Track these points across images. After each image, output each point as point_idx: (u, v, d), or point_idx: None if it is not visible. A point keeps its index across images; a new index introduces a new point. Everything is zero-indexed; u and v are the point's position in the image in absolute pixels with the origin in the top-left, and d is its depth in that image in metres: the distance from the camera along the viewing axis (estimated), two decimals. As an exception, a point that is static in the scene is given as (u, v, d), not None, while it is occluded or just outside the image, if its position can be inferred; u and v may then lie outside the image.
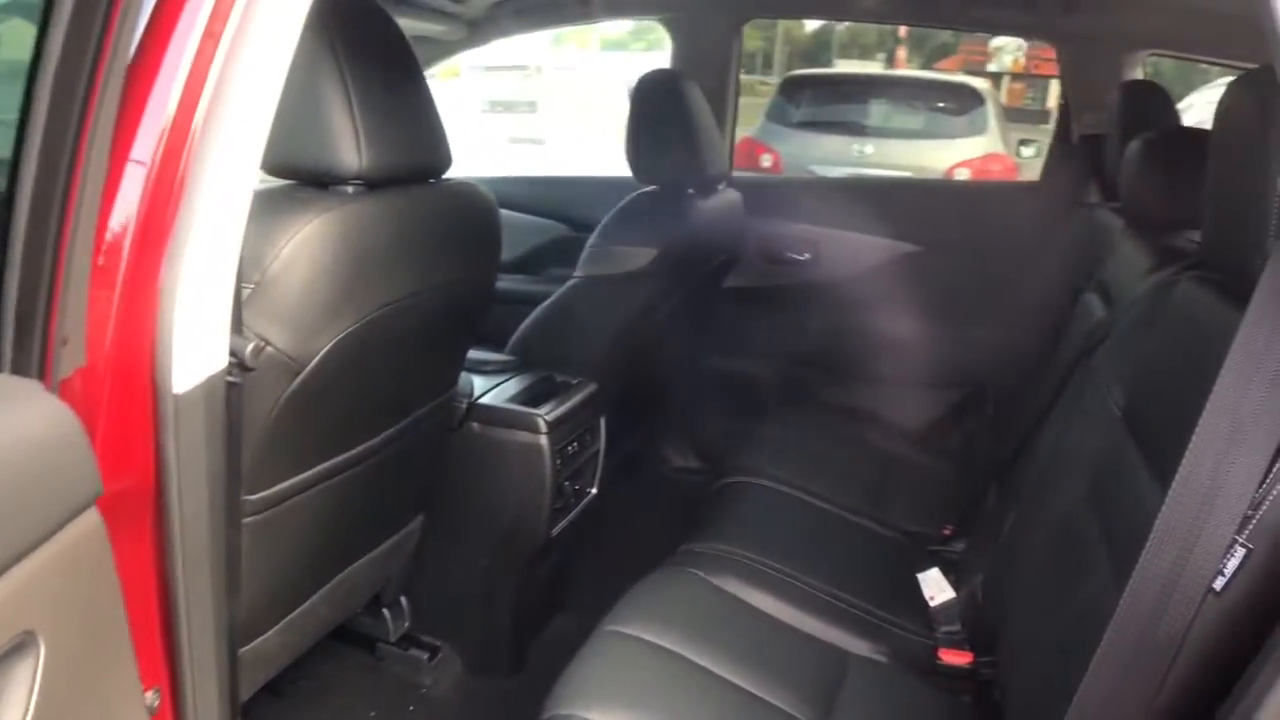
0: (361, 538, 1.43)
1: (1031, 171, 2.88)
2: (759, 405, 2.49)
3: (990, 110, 5.68)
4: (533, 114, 9.50)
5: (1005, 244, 2.26)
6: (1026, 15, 1.95)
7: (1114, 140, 1.78)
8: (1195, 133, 1.33)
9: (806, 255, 2.41)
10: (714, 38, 2.32)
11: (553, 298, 1.86)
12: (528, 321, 1.89)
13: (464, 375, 1.69)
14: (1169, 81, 2.81)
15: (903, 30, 8.19)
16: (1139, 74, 2.00)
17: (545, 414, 1.62)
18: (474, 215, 1.36)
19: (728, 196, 2.08)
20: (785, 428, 2.08)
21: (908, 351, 2.32)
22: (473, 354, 1.85)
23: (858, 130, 5.91)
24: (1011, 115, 6.84)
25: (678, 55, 2.32)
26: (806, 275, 2.43)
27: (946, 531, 1.74)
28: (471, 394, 1.66)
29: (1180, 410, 0.75)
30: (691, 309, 2.02)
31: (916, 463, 2.05)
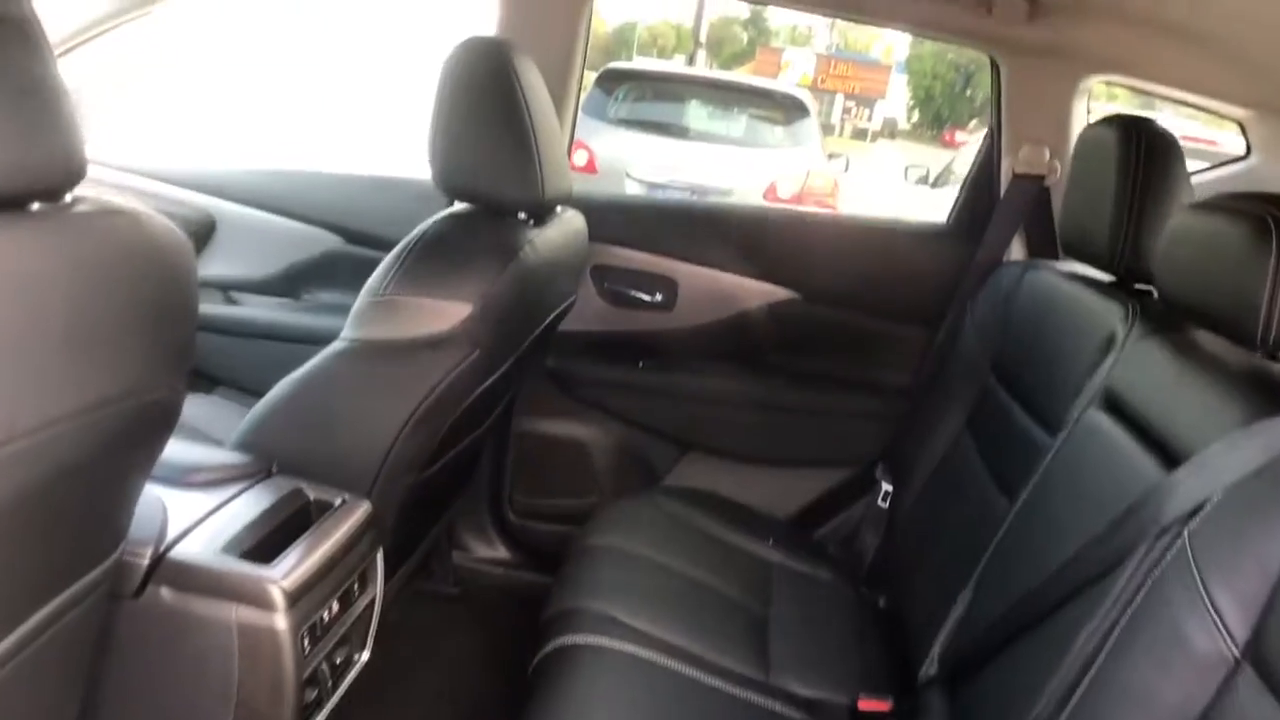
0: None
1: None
2: (587, 482, 1.95)
3: (814, 123, 5.44)
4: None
5: (900, 297, 1.84)
6: (975, 20, 1.51)
7: (1075, 188, 1.38)
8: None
9: (658, 296, 1.89)
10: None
11: (309, 368, 1.22)
12: (269, 402, 1.24)
13: (149, 497, 1.04)
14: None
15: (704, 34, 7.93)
16: (1084, 103, 1.62)
17: (282, 577, 0.99)
18: None
19: (571, 223, 1.51)
20: (625, 525, 1.56)
21: (780, 422, 1.86)
22: (178, 452, 1.20)
23: (678, 132, 5.50)
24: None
25: (507, 20, 1.69)
26: (656, 321, 1.90)
27: (872, 707, 1.27)
28: (160, 537, 1.01)
29: None
30: (511, 372, 1.45)
31: (800, 575, 1.58)
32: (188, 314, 0.80)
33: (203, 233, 1.96)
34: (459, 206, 1.34)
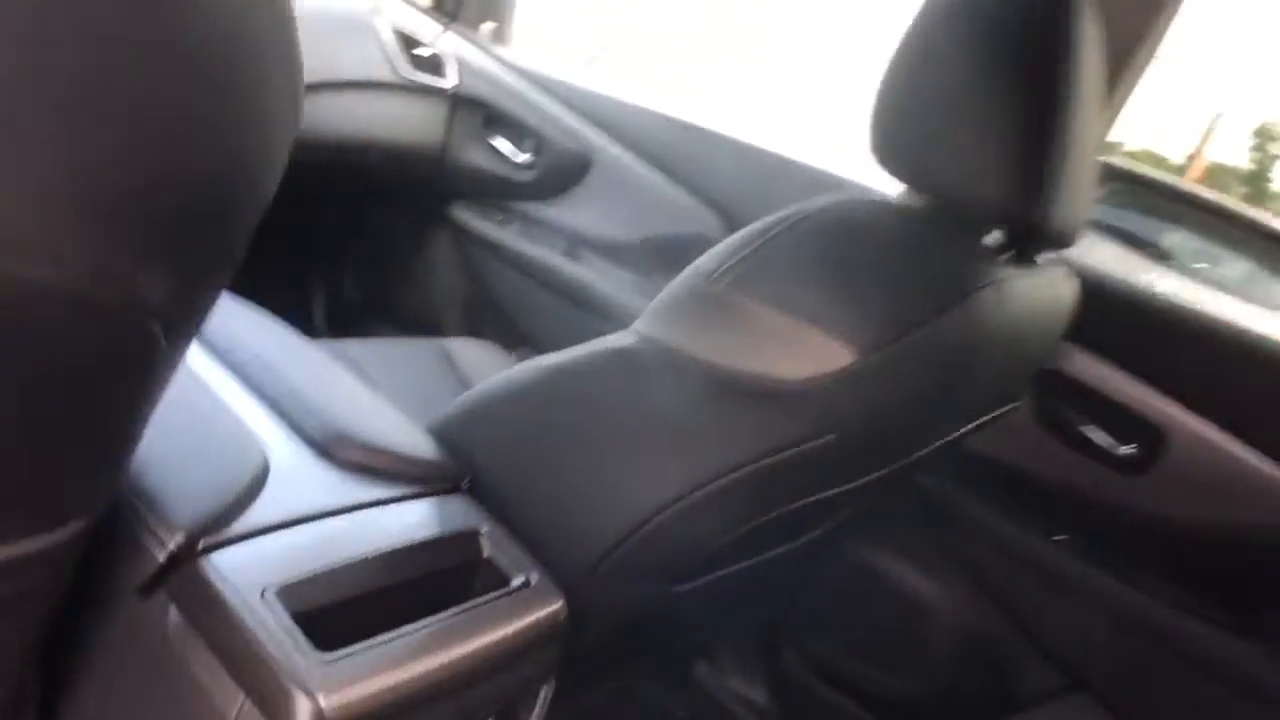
0: None
1: None
2: (910, 660, 1.34)
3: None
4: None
5: None
6: None
7: None
8: None
9: (1132, 449, 1.21)
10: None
11: (571, 359, 0.77)
12: (502, 386, 0.81)
13: (249, 451, 0.66)
14: None
15: None
16: None
17: (328, 686, 0.54)
18: None
19: (1058, 282, 0.91)
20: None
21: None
22: (344, 403, 0.82)
23: (1156, 255, 4.47)
24: None
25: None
26: (1114, 487, 1.22)
27: None
28: (209, 522, 0.62)
29: None
30: (872, 486, 0.89)
31: None
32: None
33: (574, 171, 1.63)
34: (889, 191, 0.81)
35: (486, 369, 1.42)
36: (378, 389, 0.87)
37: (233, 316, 0.91)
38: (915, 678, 1.37)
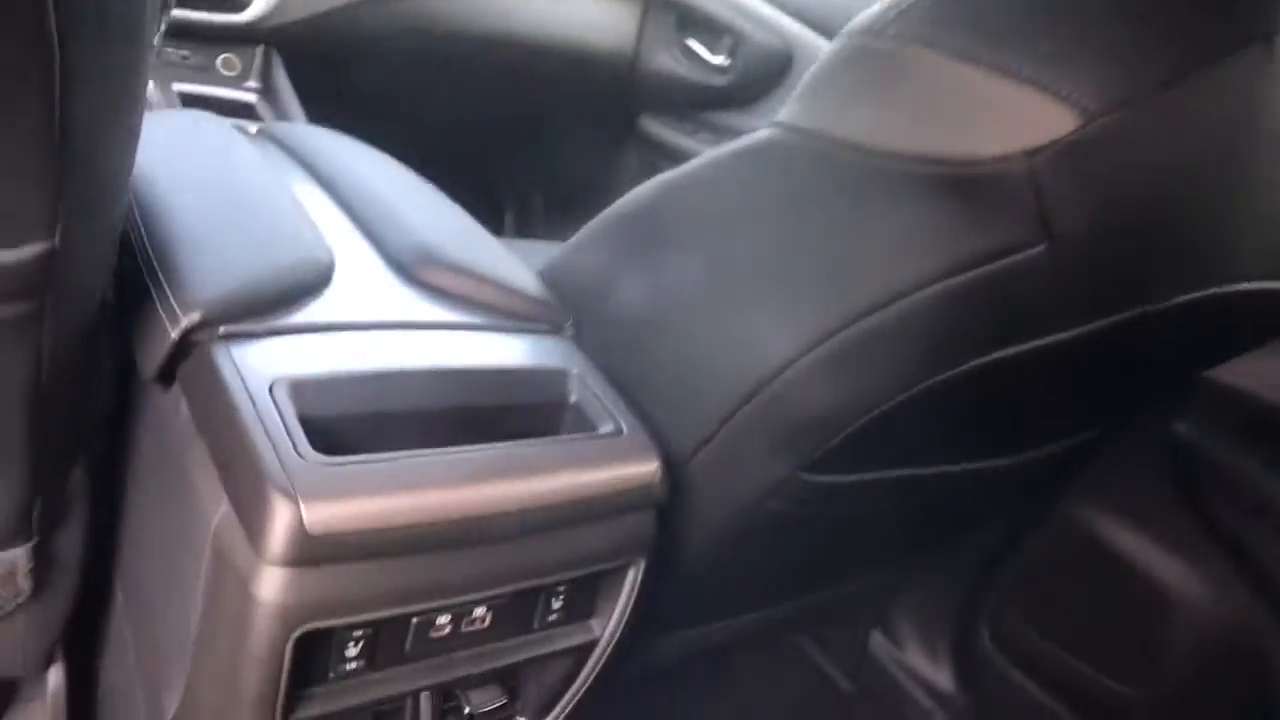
0: None
1: None
2: (1125, 653, 1.08)
3: None
4: None
5: None
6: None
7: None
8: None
9: None
10: None
11: (704, 162, 0.62)
12: (626, 212, 0.67)
13: (313, 247, 0.56)
14: None
15: None
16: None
17: (312, 490, 0.43)
18: None
19: None
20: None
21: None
22: (441, 223, 0.71)
23: None
24: None
25: None
26: None
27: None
28: (236, 307, 0.53)
29: None
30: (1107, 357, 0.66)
31: None
32: None
33: (775, 71, 1.47)
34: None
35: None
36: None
37: (353, 147, 0.84)
38: (1146, 681, 1.10)
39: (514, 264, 0.69)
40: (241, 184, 0.67)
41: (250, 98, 1.23)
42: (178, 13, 1.14)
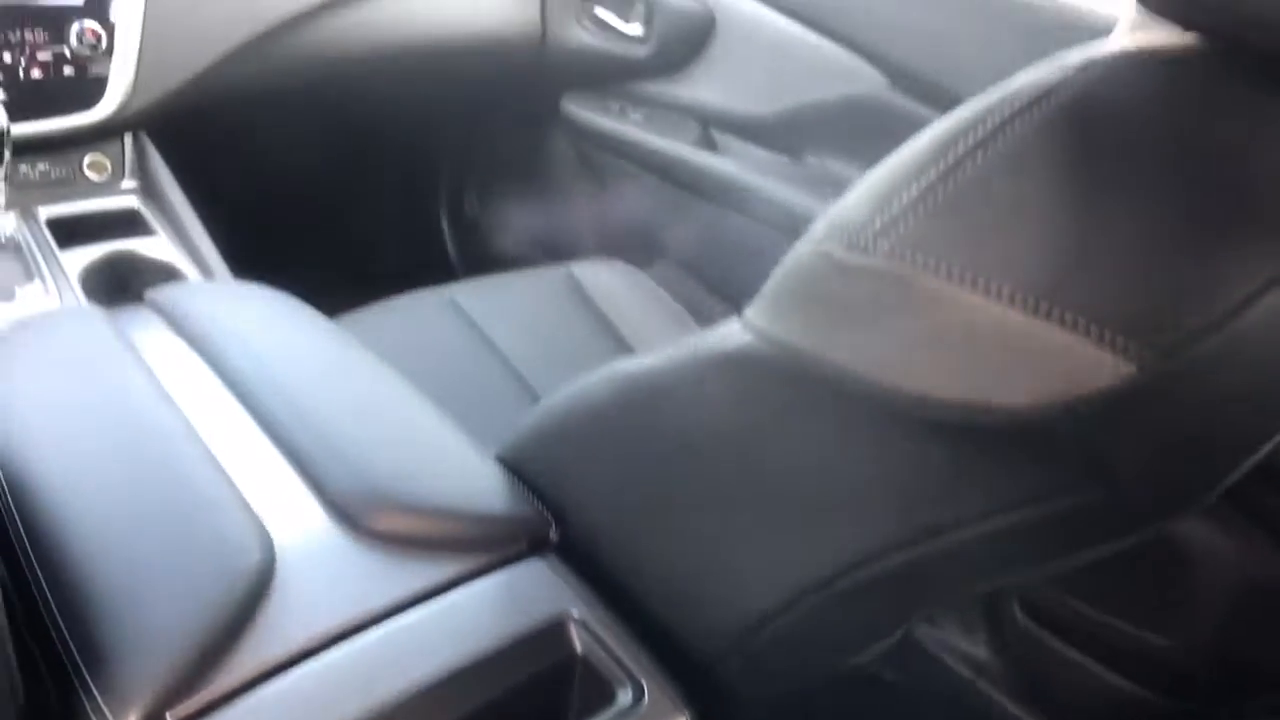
0: None
1: None
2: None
3: None
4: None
5: None
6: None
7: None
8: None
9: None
10: None
11: (680, 363, 0.52)
12: (598, 392, 0.58)
13: (241, 537, 0.47)
14: None
15: None
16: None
17: None
18: None
19: None
20: None
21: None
22: (381, 442, 0.62)
23: None
24: None
25: None
26: None
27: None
28: (167, 693, 0.44)
29: None
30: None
31: None
32: None
33: (696, 36, 1.33)
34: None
35: (620, 294, 1.20)
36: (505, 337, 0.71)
37: (269, 325, 0.73)
38: (1177, 633, 1.08)
39: (475, 465, 0.60)
40: (139, 444, 0.58)
41: (131, 202, 1.09)
42: (21, 128, 0.99)
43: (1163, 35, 0.40)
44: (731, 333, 0.48)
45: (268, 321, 0.72)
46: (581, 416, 0.57)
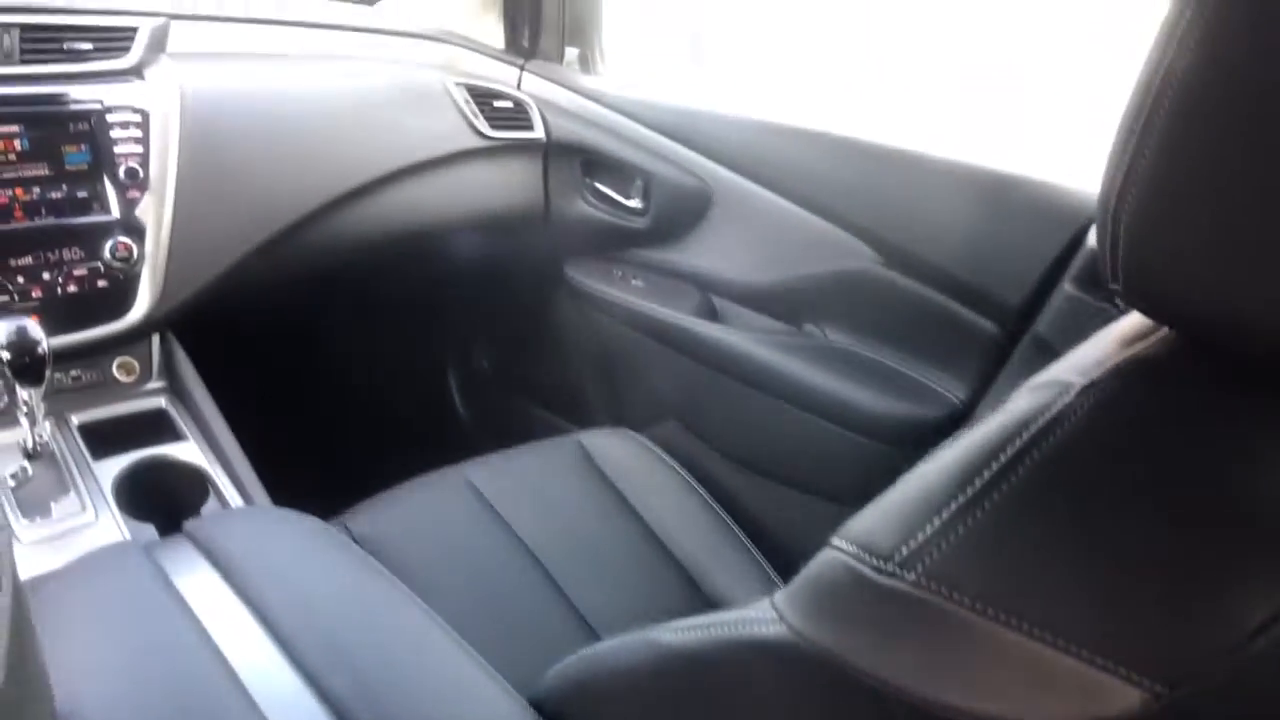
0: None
1: None
2: None
3: None
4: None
5: None
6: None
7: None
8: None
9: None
10: None
11: (719, 643, 0.55)
12: (630, 664, 0.61)
13: None
14: None
15: None
16: None
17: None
18: None
19: None
20: None
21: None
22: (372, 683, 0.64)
23: None
24: None
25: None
26: None
27: None
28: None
29: None
30: None
31: None
32: None
33: (693, 209, 1.40)
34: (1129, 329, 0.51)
35: (628, 464, 1.24)
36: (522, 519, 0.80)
37: (303, 560, 0.76)
38: None
39: (507, 710, 0.63)
40: (185, 695, 0.60)
41: (160, 402, 1.13)
42: (57, 341, 1.04)
43: (1156, 339, 0.44)
44: (764, 619, 0.51)
45: (302, 556, 0.75)
46: (619, 678, 0.59)
